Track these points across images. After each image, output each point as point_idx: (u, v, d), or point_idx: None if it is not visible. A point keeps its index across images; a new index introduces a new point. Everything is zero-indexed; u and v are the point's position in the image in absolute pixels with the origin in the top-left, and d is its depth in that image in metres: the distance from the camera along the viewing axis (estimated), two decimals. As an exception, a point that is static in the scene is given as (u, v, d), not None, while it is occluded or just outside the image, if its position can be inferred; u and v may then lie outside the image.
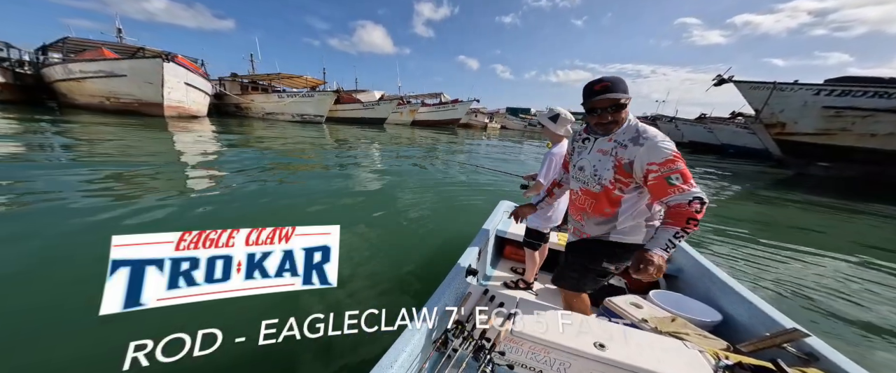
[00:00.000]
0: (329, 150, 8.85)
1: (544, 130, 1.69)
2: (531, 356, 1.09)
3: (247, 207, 3.37)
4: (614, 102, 1.00)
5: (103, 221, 2.70)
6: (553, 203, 1.68)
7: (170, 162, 5.48)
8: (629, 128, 1.03)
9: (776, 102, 10.57)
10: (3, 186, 3.34)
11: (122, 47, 17.78)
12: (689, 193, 0.91)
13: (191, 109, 15.60)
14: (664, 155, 0.93)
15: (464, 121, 34.18)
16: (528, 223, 1.82)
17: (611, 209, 1.09)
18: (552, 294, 1.85)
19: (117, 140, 7.21)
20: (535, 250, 1.85)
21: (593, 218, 1.14)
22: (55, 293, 1.70)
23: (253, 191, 3.99)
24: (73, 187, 3.48)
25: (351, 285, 1.95)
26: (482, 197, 4.63)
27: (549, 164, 1.64)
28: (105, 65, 13.80)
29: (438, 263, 2.36)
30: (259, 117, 21.48)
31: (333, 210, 3.48)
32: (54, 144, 6.21)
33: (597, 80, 1.03)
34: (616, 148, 1.03)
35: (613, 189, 1.06)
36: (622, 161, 1.00)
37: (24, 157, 4.87)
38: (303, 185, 4.59)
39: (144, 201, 3.24)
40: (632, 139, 1.00)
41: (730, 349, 1.17)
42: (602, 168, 1.06)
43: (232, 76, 23.62)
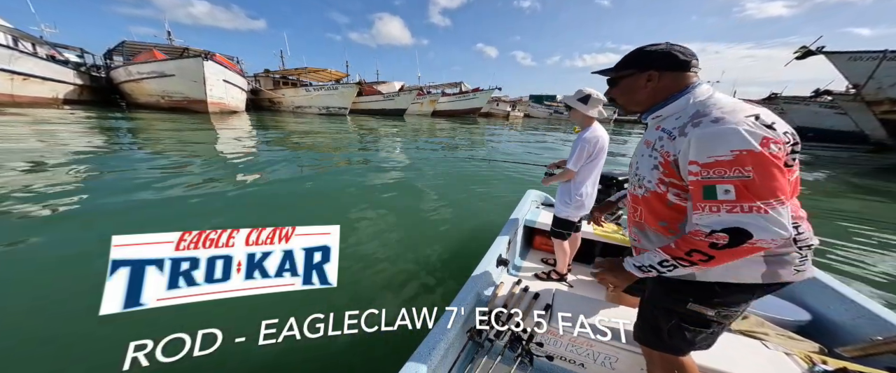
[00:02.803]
0: (352, 143, 9.08)
1: (573, 113, 1.55)
2: (571, 349, 1.04)
3: (278, 200, 3.57)
4: (612, 79, 0.80)
5: (168, 213, 3.00)
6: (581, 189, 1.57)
7: (215, 158, 5.95)
8: (685, 109, 0.69)
9: (886, 75, 8.55)
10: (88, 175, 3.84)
11: (169, 49, 19.30)
12: (726, 219, 0.58)
13: (230, 105, 16.73)
14: (712, 151, 0.59)
15: (485, 110, 33.35)
16: (557, 212, 1.71)
17: (670, 223, 0.74)
18: (589, 286, 1.76)
19: (175, 133, 7.98)
20: (563, 240, 1.72)
21: (650, 232, 0.79)
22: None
23: (284, 183, 4.22)
24: (138, 177, 3.92)
25: (364, 281, 1.94)
26: (503, 189, 4.50)
27: (580, 149, 1.51)
28: (156, 66, 15.08)
29: (462, 255, 2.34)
30: (290, 111, 22.57)
31: (352, 204, 3.57)
32: (124, 139, 7.01)
33: None
34: (662, 139, 0.70)
35: (666, 193, 0.71)
36: (669, 158, 0.68)
37: (103, 150, 5.55)
38: (331, 179, 4.74)
39: (196, 194, 3.56)
40: (682, 126, 0.66)
41: (825, 352, 1.01)
42: (644, 166, 0.76)
43: (265, 72, 24.92)
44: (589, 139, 1.51)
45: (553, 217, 1.75)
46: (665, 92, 0.73)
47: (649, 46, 0.75)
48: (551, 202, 2.55)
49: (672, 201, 0.72)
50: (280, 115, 19.61)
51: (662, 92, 0.74)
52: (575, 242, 1.83)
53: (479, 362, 1.02)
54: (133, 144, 6.51)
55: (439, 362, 0.95)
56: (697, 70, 0.73)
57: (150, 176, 4.06)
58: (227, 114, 15.93)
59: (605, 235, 1.92)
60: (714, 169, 0.60)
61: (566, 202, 1.65)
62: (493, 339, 1.02)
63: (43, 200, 2.96)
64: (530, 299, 1.17)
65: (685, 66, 0.71)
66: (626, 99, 0.81)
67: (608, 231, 1.96)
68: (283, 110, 22.74)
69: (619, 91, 0.82)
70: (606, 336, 0.84)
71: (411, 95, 25.66)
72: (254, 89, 22.28)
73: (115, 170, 4.34)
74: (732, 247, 0.59)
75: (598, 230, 1.95)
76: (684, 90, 0.71)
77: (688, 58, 0.71)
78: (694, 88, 0.71)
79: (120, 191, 3.41)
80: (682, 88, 0.72)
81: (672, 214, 0.73)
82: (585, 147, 1.51)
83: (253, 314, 0.66)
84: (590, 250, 2.00)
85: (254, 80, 23.54)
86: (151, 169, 4.45)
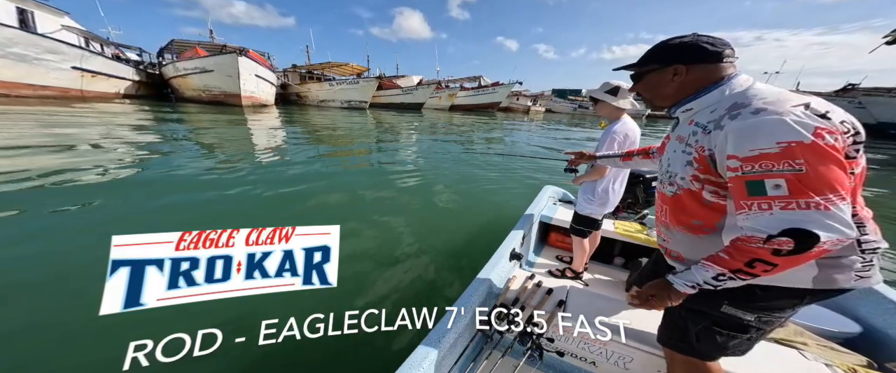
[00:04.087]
0: (369, 137, 9.24)
1: (600, 107, 1.46)
2: (584, 347, 1.02)
3: (291, 195, 3.72)
4: (636, 74, 0.76)
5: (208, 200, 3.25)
6: (607, 181, 1.48)
7: (248, 152, 6.35)
8: (719, 101, 0.63)
9: None
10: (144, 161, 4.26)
11: (210, 46, 20.57)
12: (781, 219, 0.50)
13: (261, 99, 17.62)
14: (754, 143, 0.53)
15: (504, 104, 32.43)
16: (579, 209, 1.61)
17: (705, 221, 0.67)
18: (605, 284, 1.70)
19: (214, 124, 8.63)
20: (584, 238, 1.63)
21: (677, 232, 0.74)
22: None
23: (299, 178, 4.39)
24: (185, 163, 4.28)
25: (369, 279, 1.92)
26: (516, 185, 4.37)
27: (609, 141, 1.41)
28: (198, 62, 16.14)
29: (471, 251, 2.30)
30: (314, 105, 23.40)
31: (362, 202, 3.63)
32: (175, 130, 7.69)
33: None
34: (696, 134, 0.65)
35: (701, 191, 0.65)
36: (704, 153, 0.62)
37: (158, 141, 6.13)
38: (343, 175, 4.84)
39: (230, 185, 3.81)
40: (717, 119, 0.60)
41: (874, 367, 0.91)
42: (676, 162, 0.70)
43: (293, 67, 25.92)
44: (618, 131, 1.41)
45: (574, 214, 1.65)
46: (695, 85, 0.68)
47: (674, 39, 0.71)
48: (569, 199, 2.44)
49: (709, 200, 0.66)
50: (305, 108, 20.34)
51: (691, 85, 0.69)
52: (594, 241, 1.73)
53: (487, 354, 1.01)
54: (179, 133, 7.10)
55: (447, 351, 0.94)
56: (732, 60, 0.67)
57: (191, 165, 4.40)
58: (258, 107, 16.82)
59: (626, 233, 1.80)
60: (759, 163, 0.53)
61: (590, 199, 1.55)
62: (502, 332, 1.00)
63: (103, 175, 3.33)
64: (543, 294, 1.14)
65: (716, 58, 0.65)
66: (652, 94, 0.77)
67: (631, 230, 1.83)
68: (308, 104, 23.59)
69: (644, 86, 0.78)
70: (622, 336, 0.81)
71: (429, 90, 25.48)
72: (283, 84, 23.29)
73: (161, 152, 4.78)
74: (800, 253, 0.51)
75: (620, 228, 1.84)
76: (719, 82, 0.66)
77: (718, 49, 0.65)
78: (730, 80, 0.65)
79: (147, 182, 3.74)
80: (715, 81, 0.66)
81: (708, 213, 0.67)
82: (615, 139, 1.41)
83: (253, 314, 0.67)
84: (608, 250, 1.89)
85: (283, 75, 24.58)
86: (192, 160, 4.83)
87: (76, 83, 13.31)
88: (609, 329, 0.80)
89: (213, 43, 21.29)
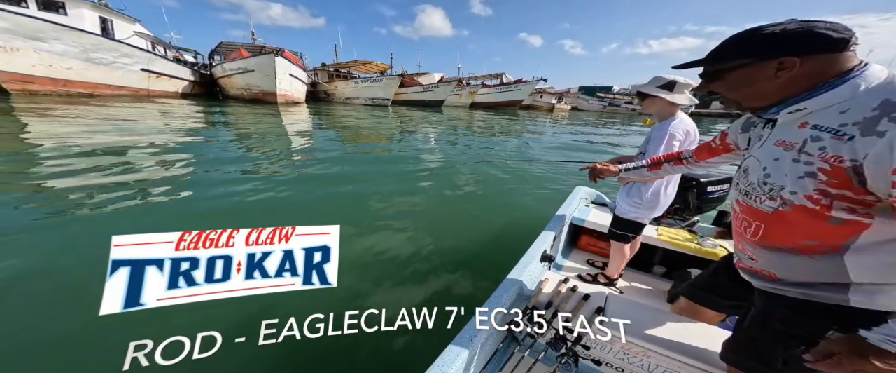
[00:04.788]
0: (390, 134, 9.40)
1: (649, 103, 1.30)
2: (622, 357, 0.96)
3: (310, 191, 3.87)
4: (712, 72, 0.63)
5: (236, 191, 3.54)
6: (656, 183, 1.34)
7: (286, 148, 6.79)
8: (853, 98, 0.50)
9: None
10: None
11: (252, 47, 22.17)
12: None
13: (293, 96, 18.73)
14: None
15: (527, 102, 31.24)
16: (621, 212, 1.46)
17: (824, 241, 0.55)
18: (642, 294, 1.60)
19: (253, 119, 9.39)
20: (625, 244, 1.51)
21: (774, 252, 0.62)
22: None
23: (324, 175, 4.58)
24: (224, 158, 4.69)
25: (376, 280, 1.85)
26: (537, 186, 4.18)
27: (667, 140, 1.24)
28: (241, 62, 17.50)
29: (489, 252, 2.24)
30: (341, 102, 24.36)
31: (375, 201, 3.64)
32: (220, 126, 8.48)
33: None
34: (821, 140, 0.52)
35: (829, 208, 0.53)
36: (841, 164, 0.50)
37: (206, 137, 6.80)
38: (361, 172, 4.93)
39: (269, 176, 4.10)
40: (866, 122, 0.47)
41: None
42: (782, 173, 0.58)
43: (322, 66, 27.13)
44: (676, 129, 1.24)
45: (614, 217, 1.52)
46: (810, 80, 0.54)
47: (770, 27, 0.56)
48: (604, 201, 2.28)
49: (839, 218, 0.53)
50: (332, 105, 21.25)
51: (804, 80, 0.55)
52: (635, 247, 1.59)
53: (518, 358, 0.98)
54: (221, 130, 7.80)
55: (478, 352, 0.92)
56: (856, 47, 0.53)
57: (229, 154, 4.80)
58: (290, 104, 17.93)
59: (672, 241, 1.62)
60: None
61: (636, 202, 1.40)
62: (534, 335, 0.97)
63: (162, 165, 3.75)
64: (579, 299, 1.09)
65: (842, 45, 0.52)
66: (743, 93, 0.63)
67: (678, 238, 1.65)
68: (335, 101, 24.57)
69: (729, 85, 0.63)
70: (667, 348, 0.74)
71: (450, 87, 25.21)
72: (313, 82, 24.51)
73: (211, 139, 5.27)
74: None
75: (665, 235, 1.66)
76: (846, 75, 0.52)
77: (844, 35, 0.51)
78: (862, 72, 0.51)
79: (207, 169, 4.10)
80: (840, 73, 0.53)
81: (832, 232, 0.55)
82: (675, 137, 1.23)
83: (253, 314, 0.67)
84: (647, 257, 1.73)
85: (313, 73, 25.86)
86: (229, 149, 5.27)
87: (144, 83, 15.12)
88: (653, 341, 0.74)
89: (253, 44, 23.01)
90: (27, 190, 3.03)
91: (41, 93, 11.64)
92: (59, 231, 2.24)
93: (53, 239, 2.14)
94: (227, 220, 2.75)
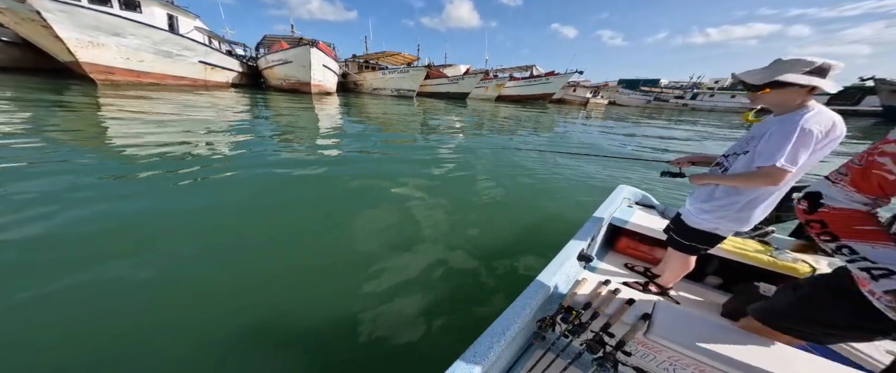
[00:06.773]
0: (416, 125, 9.34)
1: (781, 93, 0.95)
2: (669, 368, 0.89)
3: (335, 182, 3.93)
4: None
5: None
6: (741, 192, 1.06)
7: (318, 135, 7.05)
8: None
9: None
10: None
11: (291, 39, 23.25)
12: None
13: (326, 87, 19.41)
14: None
15: (558, 96, 29.16)
16: (694, 221, 1.21)
17: None
18: (693, 305, 1.44)
19: (291, 108, 9.93)
20: (692, 255, 1.31)
21: None
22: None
23: (348, 166, 4.63)
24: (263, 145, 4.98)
25: (394, 278, 1.74)
26: (561, 185, 3.89)
27: (797, 138, 0.90)
28: (281, 54, 18.37)
29: (513, 248, 2.13)
30: (369, 93, 24.81)
31: (390, 197, 3.61)
32: (262, 114, 9.09)
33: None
34: None
35: None
36: None
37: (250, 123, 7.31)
38: (376, 167, 4.94)
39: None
40: None
41: None
42: None
43: (353, 57, 27.67)
44: (813, 123, 0.90)
45: (682, 224, 1.28)
46: None
47: None
48: (650, 202, 2.05)
49: None
50: (360, 96, 21.70)
51: None
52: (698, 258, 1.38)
53: (550, 358, 0.93)
54: (264, 121, 8.31)
55: (505, 348, 0.87)
56: None
57: (265, 138, 5.07)
58: (323, 94, 18.63)
59: (740, 252, 1.42)
60: None
61: (722, 214, 1.13)
62: (568, 335, 0.93)
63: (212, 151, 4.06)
64: (621, 303, 1.02)
65: None
66: None
67: (746, 249, 1.44)
68: (364, 92, 25.04)
69: None
70: (728, 365, 0.70)
71: (476, 79, 24.34)
72: (343, 73, 25.16)
73: (256, 134, 5.64)
74: None
75: (730, 244, 1.44)
76: None
77: None
78: None
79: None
80: None
81: None
82: (811, 136, 0.89)
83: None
84: (700, 265, 1.55)
85: (344, 65, 26.52)
86: (268, 136, 5.56)
87: (201, 74, 16.63)
88: (710, 355, 0.70)
89: (292, 36, 24.03)
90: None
91: (122, 83, 13.30)
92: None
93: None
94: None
